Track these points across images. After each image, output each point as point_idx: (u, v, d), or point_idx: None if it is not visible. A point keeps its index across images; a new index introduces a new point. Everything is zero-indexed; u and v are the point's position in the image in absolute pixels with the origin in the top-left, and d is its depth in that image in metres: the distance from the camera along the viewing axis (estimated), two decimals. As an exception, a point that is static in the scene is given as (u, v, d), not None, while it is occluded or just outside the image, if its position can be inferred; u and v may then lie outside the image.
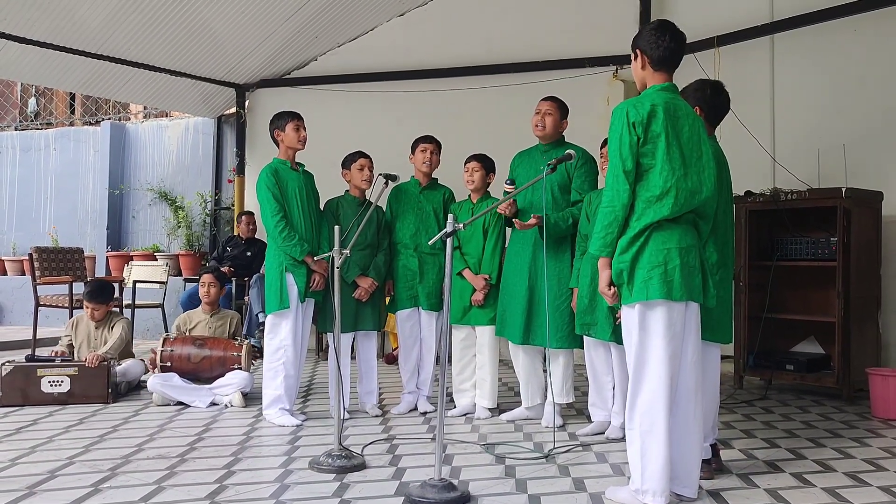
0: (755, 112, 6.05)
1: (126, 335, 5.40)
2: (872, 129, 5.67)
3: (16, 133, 11.15)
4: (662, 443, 2.90)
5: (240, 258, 7.66)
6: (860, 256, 5.21)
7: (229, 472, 3.46)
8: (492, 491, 3.18)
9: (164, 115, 10.44)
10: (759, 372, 5.56)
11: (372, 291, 4.70)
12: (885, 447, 3.99)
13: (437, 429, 3.12)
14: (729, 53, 6.29)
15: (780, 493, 3.18)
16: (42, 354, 5.43)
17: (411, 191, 4.86)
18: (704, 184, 3.02)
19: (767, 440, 4.12)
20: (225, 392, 4.94)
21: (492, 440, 4.08)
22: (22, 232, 10.69)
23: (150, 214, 10.06)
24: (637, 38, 3.13)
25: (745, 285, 5.54)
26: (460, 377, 4.76)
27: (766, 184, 5.81)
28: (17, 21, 6.74)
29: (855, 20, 5.75)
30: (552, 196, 4.37)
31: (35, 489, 3.17)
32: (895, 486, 3.29)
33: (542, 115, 4.46)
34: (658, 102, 2.97)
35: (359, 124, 7.60)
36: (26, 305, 8.69)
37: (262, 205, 4.47)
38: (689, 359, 3.00)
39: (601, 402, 4.28)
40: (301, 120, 4.60)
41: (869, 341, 5.34)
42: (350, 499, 3.07)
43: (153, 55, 7.65)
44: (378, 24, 7.94)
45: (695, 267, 2.98)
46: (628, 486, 3.02)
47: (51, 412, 4.71)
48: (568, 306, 4.30)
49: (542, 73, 6.98)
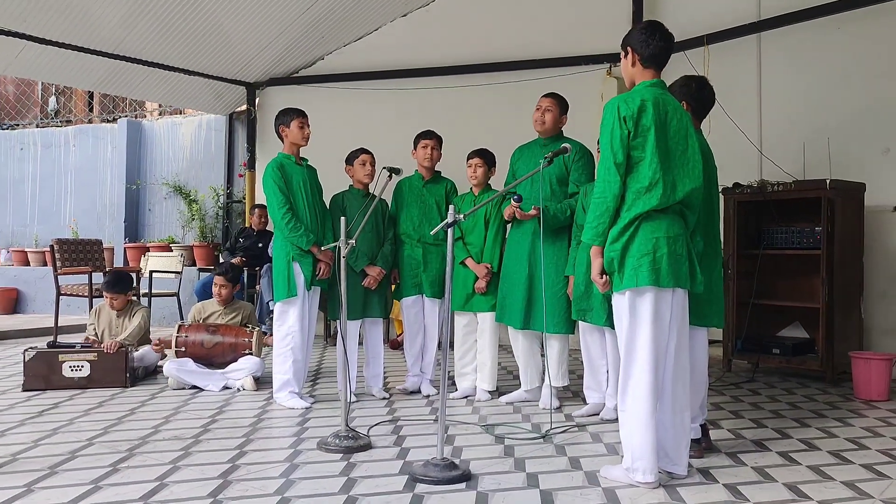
0: (743, 107, 6.03)
1: (145, 324, 5.41)
2: (855, 123, 5.65)
3: (37, 130, 11.15)
4: (651, 423, 2.91)
5: (252, 249, 7.67)
6: (843, 245, 5.20)
7: (241, 452, 3.47)
8: (491, 469, 3.19)
9: (179, 112, 10.43)
10: (746, 356, 5.56)
11: (380, 279, 4.71)
12: (867, 427, 3.99)
13: (440, 410, 3.13)
14: (717, 51, 6.27)
15: (766, 471, 3.18)
16: (64, 341, 5.44)
17: (415, 184, 4.86)
18: (690, 175, 3.01)
19: (754, 420, 4.13)
20: (237, 376, 4.95)
21: (492, 421, 4.08)
22: (44, 225, 10.71)
23: (165, 207, 10.08)
24: (627, 37, 3.12)
25: (733, 273, 5.53)
26: (462, 361, 4.76)
27: (754, 176, 5.80)
28: (37, 23, 6.73)
29: (838, 19, 5.72)
30: (550, 188, 4.36)
31: (56, 469, 3.18)
32: (877, 464, 3.29)
33: (543, 112, 4.44)
34: (647, 98, 2.96)
35: (364, 120, 7.60)
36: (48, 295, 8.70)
37: (269, 197, 4.47)
38: (677, 343, 3.00)
39: (596, 385, 4.28)
40: (305, 117, 4.59)
41: (852, 326, 5.34)
42: (356, 477, 3.08)
43: (167, 55, 7.64)
44: (382, 24, 7.91)
45: (682, 255, 2.98)
46: (621, 464, 3.03)
47: (71, 396, 4.73)
48: (564, 293, 4.30)
49: (540, 70, 6.97)
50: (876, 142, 5.57)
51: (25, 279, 10.09)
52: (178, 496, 2.84)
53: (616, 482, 2.99)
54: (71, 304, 8.60)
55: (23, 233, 10.89)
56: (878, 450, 3.54)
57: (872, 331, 5.53)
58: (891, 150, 5.51)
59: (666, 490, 2.91)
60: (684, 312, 3.04)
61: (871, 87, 5.61)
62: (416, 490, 2.91)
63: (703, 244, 3.28)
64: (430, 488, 2.93)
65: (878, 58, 5.59)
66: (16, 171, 11.03)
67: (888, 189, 5.46)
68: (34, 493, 2.87)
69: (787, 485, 3.00)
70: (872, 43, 5.60)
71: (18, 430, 3.87)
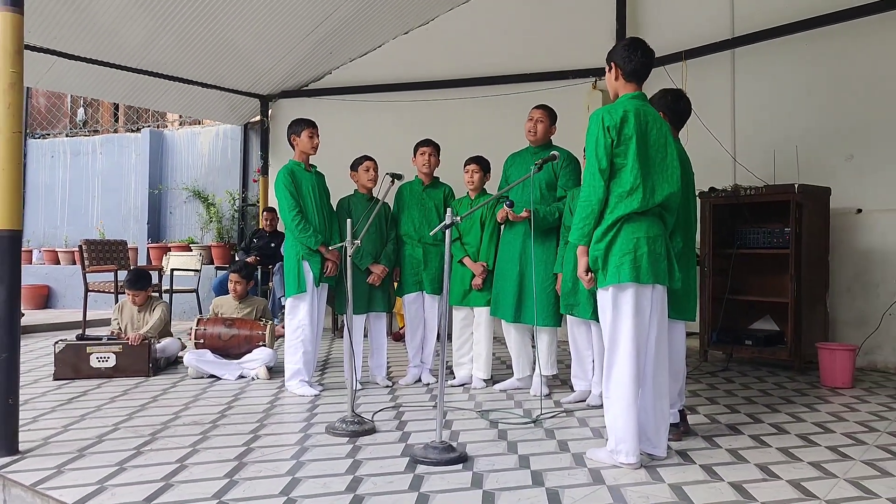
0: (718, 117, 6.03)
1: (165, 317, 5.40)
2: (821, 132, 5.65)
3: (66, 139, 11.14)
4: (634, 409, 2.91)
5: (265, 249, 7.66)
6: (810, 245, 5.21)
7: (255, 436, 3.46)
8: (486, 452, 3.19)
9: (197, 122, 10.42)
10: (721, 347, 5.56)
11: (384, 277, 4.71)
12: (832, 412, 4.00)
13: (439, 397, 3.13)
14: (695, 66, 6.27)
15: (739, 453, 3.18)
16: (92, 334, 5.43)
17: (415, 188, 4.85)
18: (669, 181, 3.01)
19: (728, 406, 4.13)
20: (252, 366, 4.94)
21: (486, 407, 4.08)
22: (73, 226, 10.70)
23: (185, 210, 10.07)
24: (611, 53, 3.12)
25: (709, 270, 5.53)
26: (459, 352, 4.76)
27: (728, 181, 5.80)
28: (65, 40, 6.72)
29: (805, 36, 5.72)
30: (540, 192, 4.36)
31: (85, 452, 3.18)
32: (841, 447, 3.30)
33: (535, 122, 4.44)
34: (630, 109, 2.96)
35: (368, 130, 7.60)
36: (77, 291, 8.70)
37: (280, 201, 4.47)
38: (657, 335, 3.00)
39: (582, 374, 4.28)
40: (315, 128, 4.58)
41: (818, 319, 5.34)
42: (362, 459, 3.08)
43: (187, 70, 7.63)
44: (385, 41, 7.91)
45: (661, 254, 2.98)
46: (606, 447, 3.03)
47: (98, 385, 4.72)
48: (553, 289, 4.30)
49: (531, 83, 6.96)
50: (840, 149, 5.57)
51: (56, 277, 10.07)
52: (197, 477, 2.83)
53: (601, 463, 2.99)
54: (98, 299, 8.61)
55: (53, 234, 10.88)
56: (843, 433, 3.54)
57: (837, 323, 5.53)
58: (854, 156, 5.52)
59: (647, 470, 2.92)
60: (663, 307, 3.04)
61: (835, 99, 5.62)
62: (417, 471, 2.91)
63: (682, 244, 3.28)
64: (429, 469, 2.93)
65: (841, 72, 5.59)
66: (47, 177, 11.00)
67: (851, 193, 5.46)
68: (63, 475, 2.87)
69: (759, 465, 3.00)
70: (836, 59, 5.61)
71: (49, 416, 3.86)
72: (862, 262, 5.46)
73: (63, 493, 2.65)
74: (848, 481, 2.80)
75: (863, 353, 5.29)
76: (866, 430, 3.59)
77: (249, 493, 2.66)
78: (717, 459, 3.08)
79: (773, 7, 5.89)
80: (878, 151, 5.39)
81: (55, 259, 10.36)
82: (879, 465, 3.01)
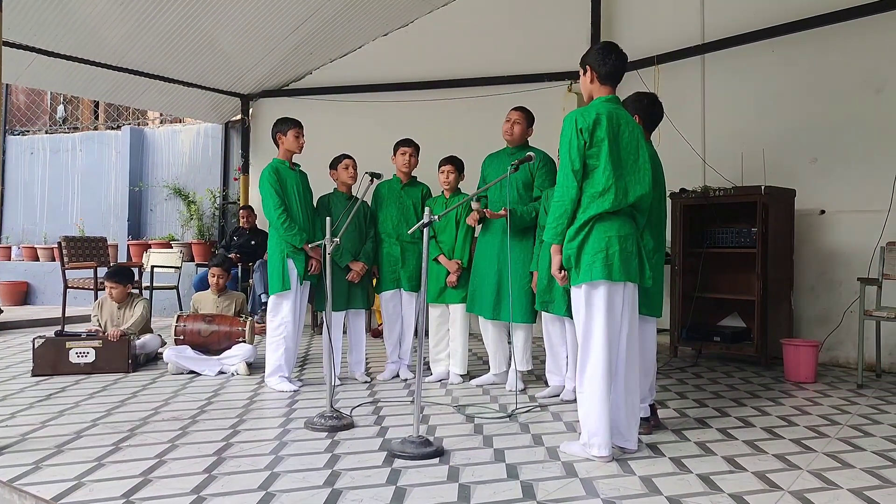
0: (688, 120, 6.09)
1: (145, 314, 5.33)
2: (787, 136, 5.73)
3: (46, 136, 10.93)
4: (606, 403, 2.93)
5: (245, 246, 7.59)
6: (776, 244, 5.28)
7: (235, 431, 3.43)
8: (462, 446, 3.19)
9: (178, 121, 10.29)
10: (690, 343, 5.61)
11: (363, 274, 4.69)
12: (795, 406, 4.06)
13: (416, 393, 3.12)
14: (667, 70, 6.31)
15: (707, 445, 3.22)
16: (71, 330, 5.34)
17: (394, 187, 4.84)
18: (641, 182, 3.03)
19: (697, 400, 4.17)
20: (231, 362, 4.90)
21: (463, 402, 4.09)
22: (52, 223, 10.51)
23: (166, 208, 9.94)
24: (586, 56, 3.13)
25: (679, 269, 5.58)
26: (436, 348, 4.75)
27: (698, 182, 5.86)
28: (46, 38, 6.61)
29: (773, 43, 5.79)
30: (517, 192, 4.37)
31: (63, 447, 3.13)
32: (804, 439, 3.35)
33: (512, 123, 4.44)
34: (602, 112, 2.98)
35: (348, 129, 7.55)
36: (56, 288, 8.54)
37: (265, 199, 4.42)
38: (628, 331, 3.02)
39: (557, 369, 4.30)
40: (301, 128, 4.55)
41: (783, 316, 5.41)
42: (340, 454, 3.06)
43: (168, 68, 7.53)
44: (365, 42, 7.87)
45: (632, 252, 3.00)
46: (579, 440, 3.05)
47: (77, 380, 4.65)
48: (529, 287, 4.31)
49: (508, 86, 6.96)
50: (805, 152, 5.65)
51: (35, 273, 9.89)
52: (175, 472, 2.80)
53: (574, 456, 3.01)
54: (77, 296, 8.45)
55: (33, 230, 10.68)
56: (806, 426, 3.60)
57: (801, 320, 5.62)
58: (818, 159, 5.60)
59: (618, 463, 2.94)
60: (634, 304, 3.06)
61: (801, 104, 5.69)
62: (395, 465, 2.90)
63: (653, 243, 3.31)
64: (406, 463, 2.92)
65: (807, 78, 5.67)
66: (26, 173, 10.80)
67: (815, 195, 5.54)
68: (42, 470, 2.82)
69: (726, 457, 3.04)
70: (802, 65, 5.69)
71: (27, 412, 3.80)
72: (825, 262, 5.55)
73: (40, 489, 2.61)
74: (811, 473, 2.85)
75: (825, 349, 5.38)
76: (828, 424, 3.65)
77: (228, 487, 2.63)
78: (685, 452, 3.11)
79: (742, 14, 5.95)
80: (840, 155, 5.48)
81: (34, 256, 10.17)
82: (841, 457, 3.06)
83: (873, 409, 3.98)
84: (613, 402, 2.99)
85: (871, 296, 4.91)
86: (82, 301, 8.41)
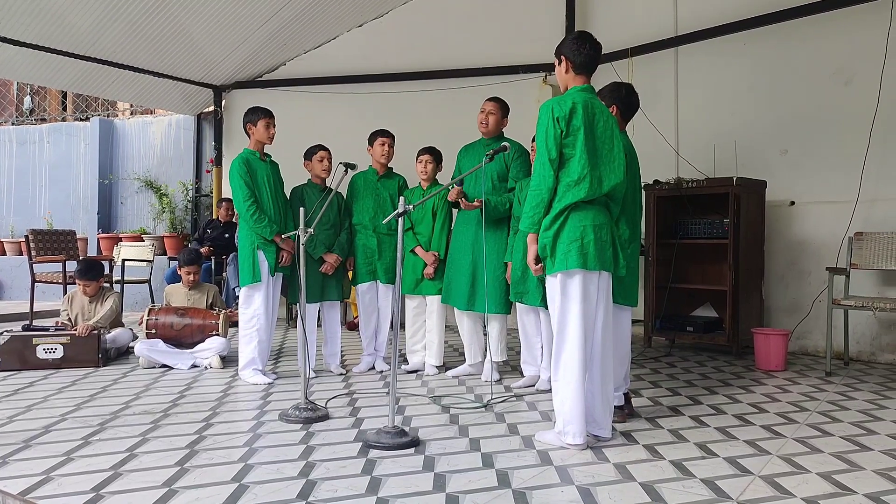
0: (662, 112, 6.14)
1: (116, 307, 5.24)
2: (758, 128, 5.80)
3: (13, 128, 10.69)
4: (581, 392, 2.94)
5: (219, 239, 7.51)
6: (747, 235, 5.34)
7: (208, 424, 3.39)
8: (438, 436, 3.18)
9: (149, 112, 10.12)
10: (664, 333, 5.67)
11: (337, 266, 4.65)
12: (766, 393, 4.12)
13: (391, 384, 3.11)
14: (640, 62, 6.35)
15: (680, 433, 3.25)
16: (39, 325, 5.24)
17: (370, 178, 4.80)
18: (615, 172, 3.04)
19: (670, 389, 4.22)
20: (205, 356, 4.84)
21: (439, 393, 4.08)
22: (20, 216, 10.29)
23: (137, 201, 9.78)
24: (561, 46, 3.13)
25: (653, 260, 5.63)
26: (412, 340, 4.75)
27: (671, 174, 5.91)
28: (12, 25, 6.44)
29: (744, 36, 5.85)
30: (492, 183, 4.37)
31: (31, 442, 3.06)
32: (774, 425, 3.40)
33: (487, 114, 4.43)
34: (578, 101, 2.98)
35: (322, 121, 7.48)
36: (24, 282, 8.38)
37: (235, 191, 4.37)
38: (603, 321, 3.03)
39: (532, 359, 4.32)
40: (272, 118, 4.49)
41: (754, 306, 5.49)
42: (315, 445, 3.04)
43: (138, 58, 7.40)
44: (339, 33, 7.80)
45: (607, 241, 3.01)
46: (554, 429, 3.06)
47: (46, 376, 4.56)
48: (504, 278, 4.32)
49: (483, 77, 6.95)
50: (776, 144, 5.73)
51: (1, 267, 9.68)
52: (147, 465, 2.76)
53: (549, 445, 3.02)
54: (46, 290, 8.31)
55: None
56: (776, 413, 3.65)
57: (772, 310, 5.70)
58: (788, 151, 5.68)
59: (593, 451, 2.95)
60: (609, 293, 3.08)
61: (771, 96, 5.77)
62: (370, 455, 2.89)
63: (629, 232, 3.32)
64: (382, 454, 2.91)
65: (777, 71, 5.75)
66: (-8, 165, 10.56)
67: (786, 186, 5.62)
68: (8, 465, 2.76)
69: (698, 444, 3.07)
70: (773, 58, 5.76)
71: (-6, 407, 3.71)
72: (795, 252, 5.63)
73: (7, 483, 2.55)
74: (781, 458, 2.89)
75: (795, 338, 5.47)
76: (797, 410, 3.71)
77: (201, 479, 2.60)
78: (659, 439, 3.14)
79: (715, 7, 6.00)
80: (810, 147, 5.56)
81: (1, 250, 9.95)
82: (809, 443, 3.11)
83: (841, 396, 4.05)
84: (588, 390, 3.01)
85: (839, 285, 5.00)
86: (51, 295, 8.26)
